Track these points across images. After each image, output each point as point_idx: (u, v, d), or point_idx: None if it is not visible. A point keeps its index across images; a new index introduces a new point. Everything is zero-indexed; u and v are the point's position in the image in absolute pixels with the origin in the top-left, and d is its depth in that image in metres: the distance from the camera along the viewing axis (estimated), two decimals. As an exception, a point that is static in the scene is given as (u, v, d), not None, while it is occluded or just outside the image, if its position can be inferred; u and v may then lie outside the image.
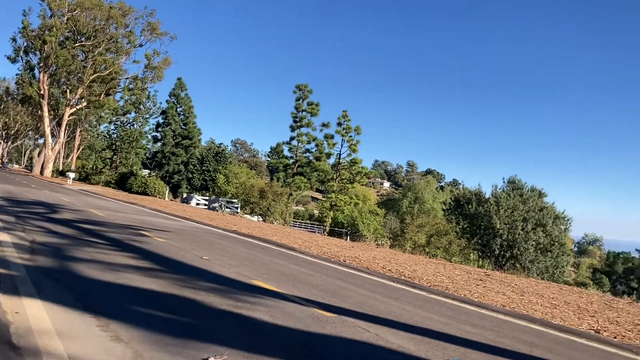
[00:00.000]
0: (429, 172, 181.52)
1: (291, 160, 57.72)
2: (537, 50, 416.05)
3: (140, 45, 67.64)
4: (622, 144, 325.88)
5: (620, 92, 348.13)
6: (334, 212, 54.20)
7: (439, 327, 7.47)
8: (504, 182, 45.62)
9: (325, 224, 54.23)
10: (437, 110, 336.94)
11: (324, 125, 56.25)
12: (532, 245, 39.00)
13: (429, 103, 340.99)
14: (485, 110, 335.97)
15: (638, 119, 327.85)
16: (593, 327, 9.26)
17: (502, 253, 39.50)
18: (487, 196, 43.83)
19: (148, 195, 50.46)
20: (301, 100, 57.34)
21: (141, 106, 73.91)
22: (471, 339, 6.99)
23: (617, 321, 10.17)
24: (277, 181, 52.24)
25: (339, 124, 55.01)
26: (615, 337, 8.55)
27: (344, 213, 53.66)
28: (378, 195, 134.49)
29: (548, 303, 11.54)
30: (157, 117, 75.63)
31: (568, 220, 43.47)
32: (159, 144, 76.07)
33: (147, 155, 79.48)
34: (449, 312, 8.99)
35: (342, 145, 55.39)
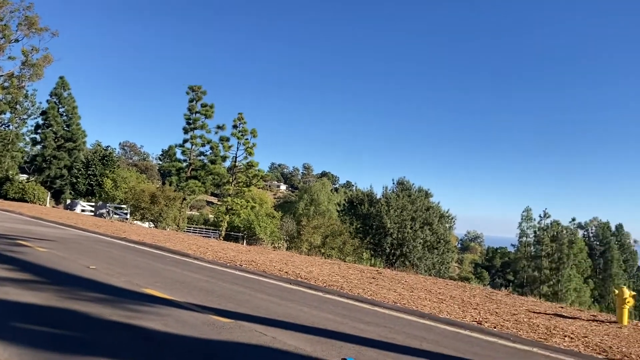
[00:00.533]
0: (324, 174, 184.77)
1: (185, 164, 56.14)
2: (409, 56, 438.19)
3: (17, 41, 62.55)
4: (501, 144, 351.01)
5: (496, 92, 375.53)
6: (230, 216, 53.48)
7: (335, 327, 7.62)
8: (393, 183, 47.58)
9: (221, 229, 53.37)
10: (330, 113, 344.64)
11: (219, 127, 55.29)
12: (420, 243, 40.90)
13: (323, 106, 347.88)
14: (374, 113, 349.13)
15: (516, 121, 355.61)
16: (476, 319, 9.89)
17: (392, 251, 41.06)
18: (378, 197, 45.41)
19: (27, 202, 46.99)
20: (195, 101, 55.98)
21: (18, 106, 68.48)
22: (365, 336, 7.19)
23: (496, 312, 10.94)
24: (170, 185, 50.65)
25: (235, 127, 54.41)
26: (495, 327, 9.19)
27: (240, 217, 53.07)
28: (275, 198, 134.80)
29: (436, 298, 12.17)
30: (36, 117, 70.44)
31: (452, 218, 46.11)
32: (38, 146, 70.78)
33: (25, 159, 73.83)
34: (344, 311, 9.19)
35: (238, 148, 54.84)
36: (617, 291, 11.81)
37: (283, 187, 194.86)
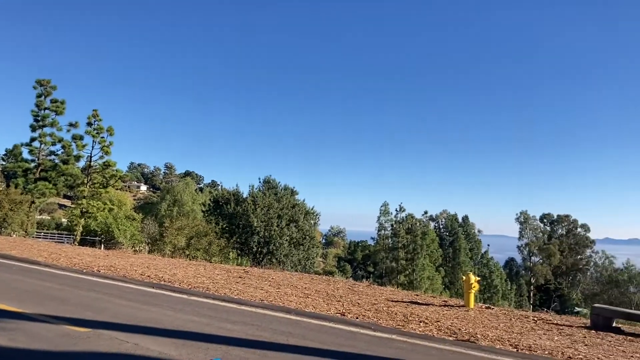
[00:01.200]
0: (187, 174, 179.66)
1: (33, 164, 51.37)
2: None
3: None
4: (361, 145, 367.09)
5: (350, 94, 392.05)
6: (85, 219, 49.97)
7: (201, 329, 7.47)
8: (260, 182, 47.61)
9: (75, 233, 49.71)
10: (192, 112, 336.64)
11: (71, 125, 51.24)
12: (286, 240, 41.45)
13: (184, 105, 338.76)
14: (233, 113, 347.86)
15: (370, 123, 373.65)
16: (340, 310, 10.25)
17: (259, 250, 41.15)
18: (244, 196, 45.21)
19: None
20: (43, 97, 51.42)
21: None
22: (232, 336, 7.14)
23: (358, 303, 11.43)
24: (16, 188, 46.10)
25: (89, 124, 50.81)
26: (357, 318, 9.60)
27: (97, 220, 49.79)
28: (135, 199, 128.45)
29: (302, 293, 12.41)
30: None
31: (317, 215, 47.31)
32: None
33: None
34: (211, 312, 9.04)
35: (93, 147, 51.25)
36: (464, 277, 12.92)
37: (144, 187, 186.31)
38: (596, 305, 11.23)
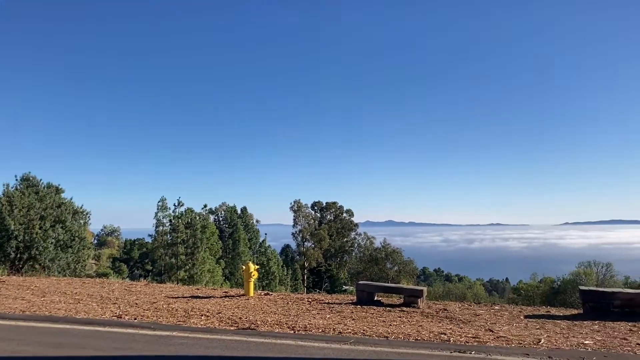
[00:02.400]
0: None
1: None
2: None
3: None
4: (146, 142, 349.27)
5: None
6: None
7: (-55, 353, 6.41)
8: (17, 180, 42.27)
9: None
10: None
11: None
12: (51, 243, 37.56)
13: None
14: None
15: (151, 122, 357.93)
16: (116, 313, 9.70)
17: (19, 255, 36.62)
18: (-3, 196, 39.75)
19: None
20: None
21: None
22: (-12, 356, 6.27)
23: (136, 303, 10.95)
24: None
25: None
26: (135, 319, 9.19)
27: None
28: None
29: (72, 299, 11.44)
30: None
31: (87, 214, 43.81)
32: None
33: None
34: (-42, 332, 7.80)
35: None
36: (244, 267, 13.24)
37: None
38: (360, 282, 12.50)
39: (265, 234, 64.89)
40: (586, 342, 7.52)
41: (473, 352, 6.75)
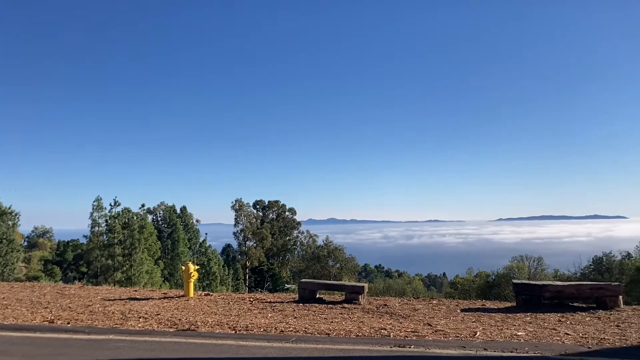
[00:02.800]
0: None
1: None
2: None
3: None
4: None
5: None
6: None
7: None
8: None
9: None
10: None
11: None
12: (-24, 246, 35.68)
13: None
14: None
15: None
16: (47, 318, 9.29)
17: (-60, 260, 34.52)
18: None
19: None
20: None
21: None
22: None
23: (69, 307, 10.53)
24: None
25: None
26: (68, 323, 8.83)
27: None
28: None
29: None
30: None
31: (16, 215, 41.83)
32: None
33: None
34: None
35: None
36: (183, 267, 12.98)
37: None
38: (302, 280, 12.53)
39: (206, 233, 63.98)
40: (519, 333, 7.82)
41: (412, 347, 6.88)
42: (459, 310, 10.15)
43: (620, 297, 10.30)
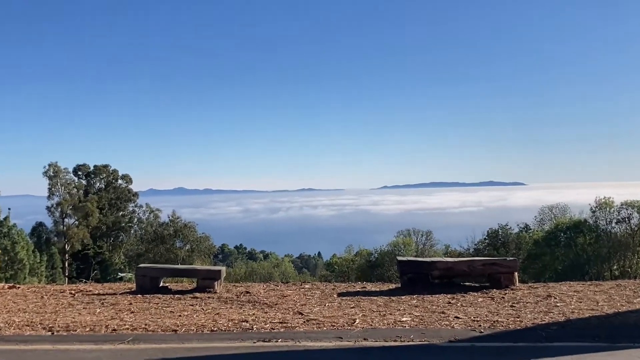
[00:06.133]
0: None
1: None
2: None
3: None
4: None
5: None
6: None
7: None
8: None
9: None
10: None
11: None
12: None
13: None
14: None
15: None
16: None
17: None
18: None
19: None
20: None
21: None
22: None
23: None
24: None
25: None
26: None
27: None
28: None
29: None
30: None
31: None
32: None
33: None
34: None
35: None
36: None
37: None
38: (141, 265, 12.31)
39: (9, 209, 59.76)
40: (404, 319, 8.33)
41: (279, 340, 7.06)
42: (335, 295, 10.57)
43: (516, 274, 11.33)
